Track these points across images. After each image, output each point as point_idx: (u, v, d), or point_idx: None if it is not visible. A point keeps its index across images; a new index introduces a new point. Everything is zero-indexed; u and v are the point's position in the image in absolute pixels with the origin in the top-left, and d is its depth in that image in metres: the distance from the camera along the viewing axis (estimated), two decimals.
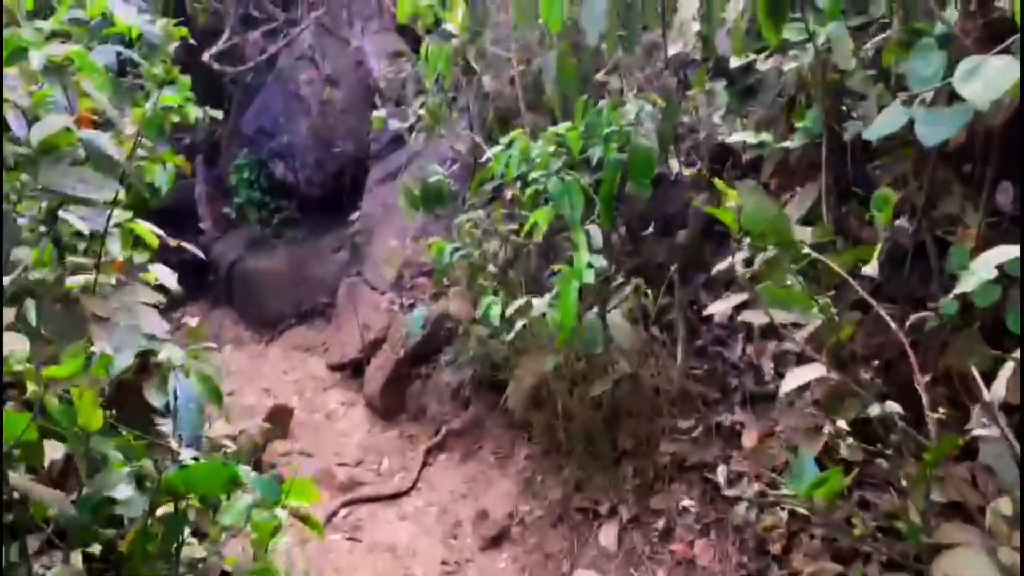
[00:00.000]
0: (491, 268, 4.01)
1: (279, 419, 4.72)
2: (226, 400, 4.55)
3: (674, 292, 3.68)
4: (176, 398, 2.62)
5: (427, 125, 5.57)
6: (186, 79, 6.27)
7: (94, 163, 2.34)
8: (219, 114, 6.35)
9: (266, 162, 8.06)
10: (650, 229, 4.02)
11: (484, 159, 4.07)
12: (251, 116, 8.18)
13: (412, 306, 5.69)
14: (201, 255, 3.40)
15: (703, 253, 3.97)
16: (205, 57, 8.20)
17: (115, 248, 3.10)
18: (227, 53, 8.60)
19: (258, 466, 4.17)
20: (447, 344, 4.80)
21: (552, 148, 3.39)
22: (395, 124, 5.62)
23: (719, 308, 3.17)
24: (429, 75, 5.09)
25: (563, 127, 3.72)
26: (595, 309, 3.26)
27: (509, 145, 3.62)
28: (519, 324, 3.26)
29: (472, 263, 4.02)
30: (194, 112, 6.33)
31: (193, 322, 7.76)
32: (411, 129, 6.39)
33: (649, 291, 3.41)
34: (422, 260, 6.00)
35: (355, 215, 6.99)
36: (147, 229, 3.15)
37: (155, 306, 2.94)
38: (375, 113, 5.64)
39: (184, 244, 3.20)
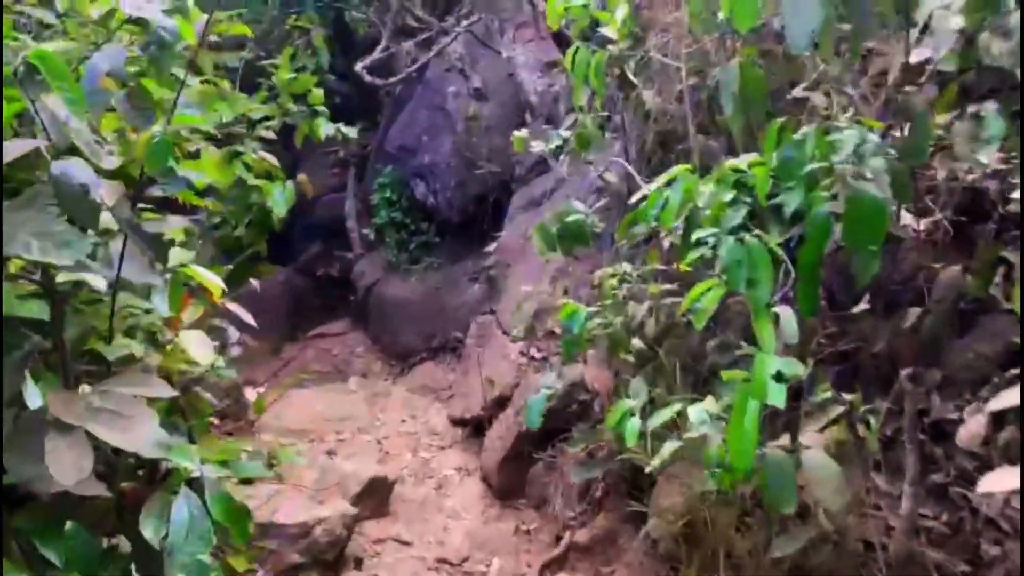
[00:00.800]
0: (636, 342, 3.05)
1: (377, 493, 4.01)
2: (321, 465, 3.86)
3: (902, 401, 2.56)
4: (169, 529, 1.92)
5: (574, 149, 4.69)
6: (319, 92, 5.75)
7: (66, 206, 1.66)
8: (353, 132, 5.84)
9: (407, 181, 7.52)
10: (863, 303, 2.90)
11: (639, 197, 3.11)
12: (395, 132, 7.68)
13: (544, 360, 4.82)
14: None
15: (941, 342, 2.80)
16: (358, 68, 7.82)
17: (162, 304, 2.47)
18: (385, 64, 8.20)
19: (340, 560, 3.46)
20: (580, 419, 3.89)
21: (729, 194, 2.39)
22: (538, 147, 4.78)
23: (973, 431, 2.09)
24: (577, 88, 4.21)
25: (746, 160, 2.70)
26: (783, 438, 2.22)
27: (669, 184, 2.65)
28: (667, 449, 2.29)
29: (613, 334, 3.09)
30: (324, 128, 5.74)
31: (318, 350, 7.35)
32: (557, 152, 5.54)
33: (868, 407, 2.32)
34: (560, 303, 5.13)
35: (492, 246, 6.24)
36: (207, 277, 2.50)
37: (161, 400, 2.26)
38: (516, 133, 4.83)
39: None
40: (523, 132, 4.86)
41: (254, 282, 4.52)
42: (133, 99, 1.95)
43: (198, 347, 2.26)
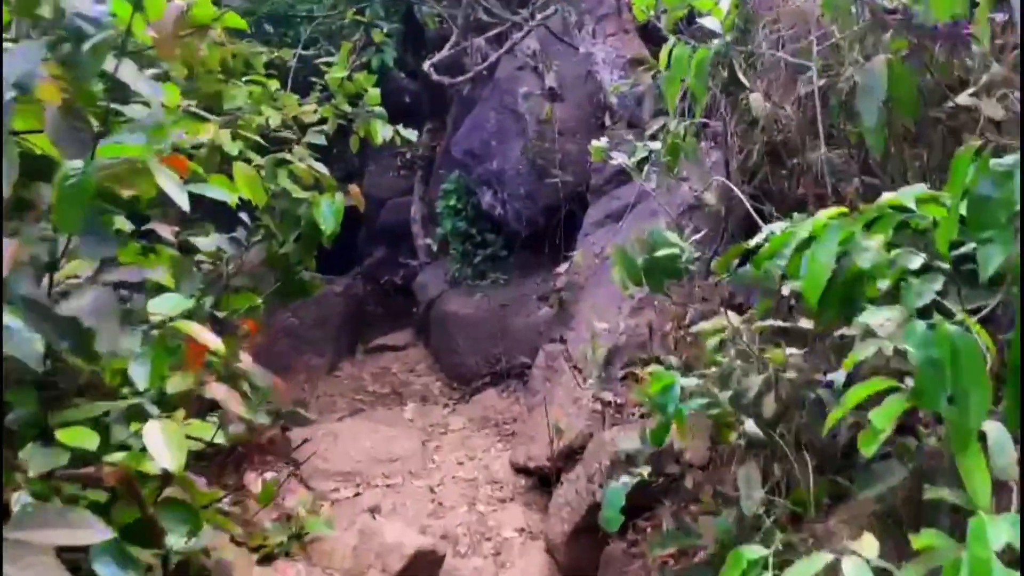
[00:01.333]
0: (748, 426, 2.35)
1: (423, 571, 3.41)
2: (360, 529, 3.28)
3: None
4: None
5: (664, 160, 3.99)
6: (375, 92, 5.19)
7: None
8: (413, 134, 5.26)
9: (474, 189, 6.92)
10: None
11: (761, 240, 2.39)
12: (462, 135, 7.09)
13: (620, 410, 4.13)
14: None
15: None
16: (425, 66, 7.27)
17: (141, 373, 1.93)
18: (455, 62, 7.64)
19: None
20: (667, 495, 3.20)
21: (914, 258, 1.66)
22: (619, 158, 4.10)
23: None
24: (671, 90, 3.50)
25: (911, 194, 1.96)
26: None
27: (810, 238, 1.91)
28: None
29: (719, 415, 2.39)
30: (382, 131, 5.18)
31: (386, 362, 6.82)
32: (642, 162, 4.85)
33: None
34: (640, 336, 4.44)
35: (564, 265, 5.58)
36: (201, 334, 1.94)
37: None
38: (595, 143, 4.16)
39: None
40: (602, 141, 4.18)
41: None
42: (64, 117, 1.39)
43: (164, 449, 1.68)
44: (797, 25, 3.55)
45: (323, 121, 5.05)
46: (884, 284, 1.65)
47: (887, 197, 1.98)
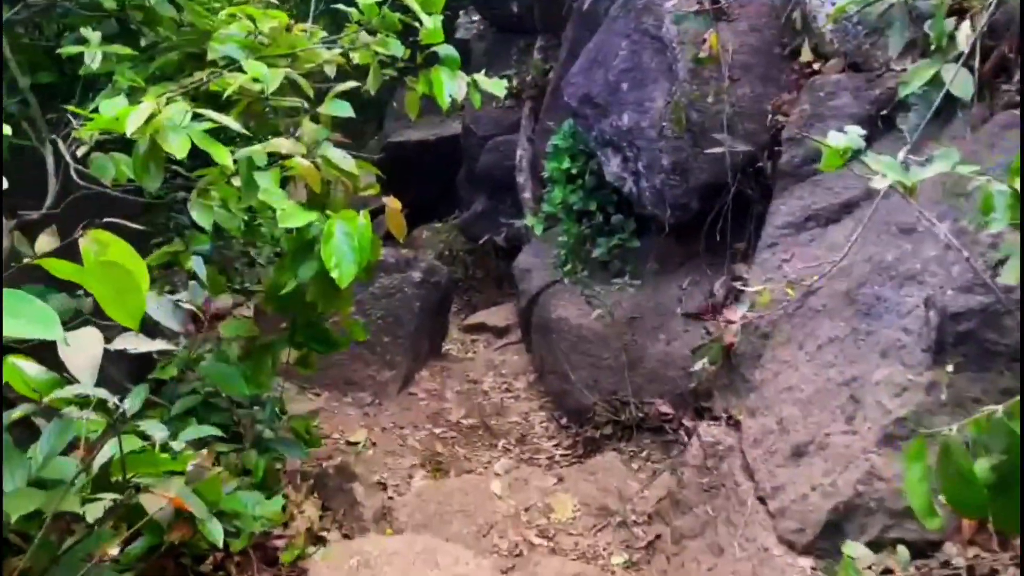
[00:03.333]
0: None
1: None
2: None
3: None
4: None
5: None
6: (436, 26, 3.45)
7: None
8: (501, 88, 3.36)
9: (594, 151, 4.93)
10: None
11: None
12: (579, 72, 5.03)
13: None
14: None
15: None
16: None
17: None
18: None
19: None
20: None
21: None
22: (879, 173, 2.07)
23: None
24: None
25: None
26: None
27: None
28: None
29: None
30: (448, 86, 3.44)
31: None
32: (884, 119, 2.77)
33: None
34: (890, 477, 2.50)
35: (720, 285, 3.60)
36: None
37: None
38: (835, 136, 2.13)
39: None
40: (850, 132, 2.16)
41: None
42: None
43: None
44: None
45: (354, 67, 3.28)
46: None
47: None
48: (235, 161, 2.55)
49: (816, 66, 4.01)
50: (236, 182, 2.65)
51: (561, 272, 5.36)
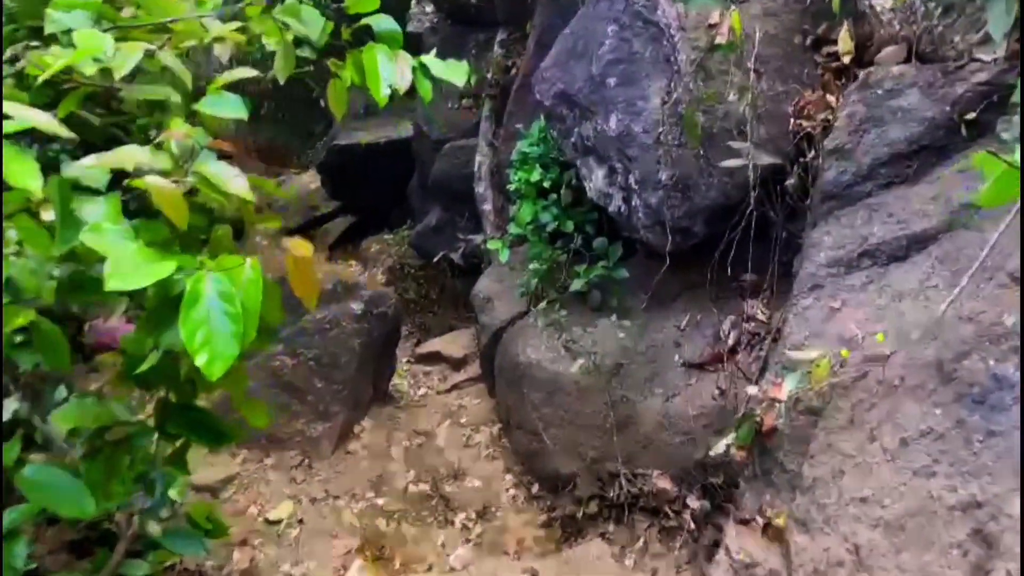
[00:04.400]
0: None
1: None
2: None
3: None
4: None
5: None
6: None
7: None
8: (460, 76, 2.45)
9: (573, 161, 4.05)
10: None
11: None
12: (552, 64, 4.15)
13: None
14: None
15: None
16: None
17: None
18: None
19: None
20: None
21: None
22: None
23: None
24: None
25: None
26: None
27: None
28: None
29: None
30: (386, 72, 2.41)
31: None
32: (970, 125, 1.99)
33: None
34: None
35: (731, 337, 2.77)
36: None
37: None
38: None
39: None
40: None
41: None
42: None
43: None
44: None
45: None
46: None
47: None
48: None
49: (846, 59, 3.22)
50: (47, 215, 1.70)
51: (531, 301, 4.49)
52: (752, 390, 2.63)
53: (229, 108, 2.08)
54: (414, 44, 9.97)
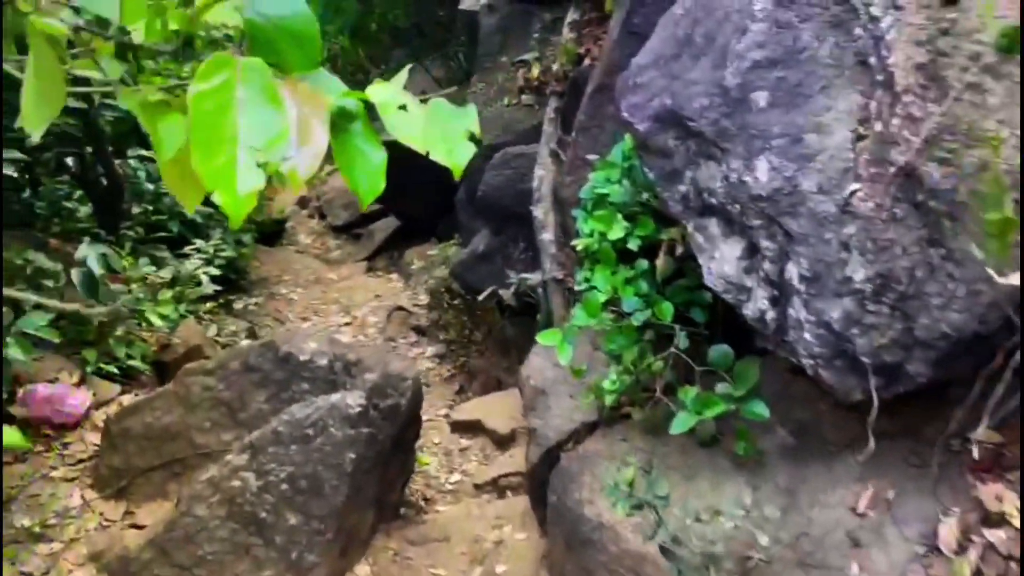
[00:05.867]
0: None
1: None
2: None
3: None
4: None
5: None
6: None
7: None
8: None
9: (679, 218, 2.54)
10: None
11: None
12: (649, 62, 2.63)
13: None
14: None
15: None
16: None
17: None
18: None
19: None
20: None
21: None
22: None
23: None
24: None
25: None
26: None
27: None
28: None
29: None
30: None
31: None
32: None
33: None
34: None
35: None
36: None
37: None
38: None
39: None
40: None
41: None
42: None
43: None
44: None
45: None
46: None
47: None
48: None
49: None
50: None
51: (601, 413, 3.02)
52: None
53: None
54: (468, 26, 8.47)
